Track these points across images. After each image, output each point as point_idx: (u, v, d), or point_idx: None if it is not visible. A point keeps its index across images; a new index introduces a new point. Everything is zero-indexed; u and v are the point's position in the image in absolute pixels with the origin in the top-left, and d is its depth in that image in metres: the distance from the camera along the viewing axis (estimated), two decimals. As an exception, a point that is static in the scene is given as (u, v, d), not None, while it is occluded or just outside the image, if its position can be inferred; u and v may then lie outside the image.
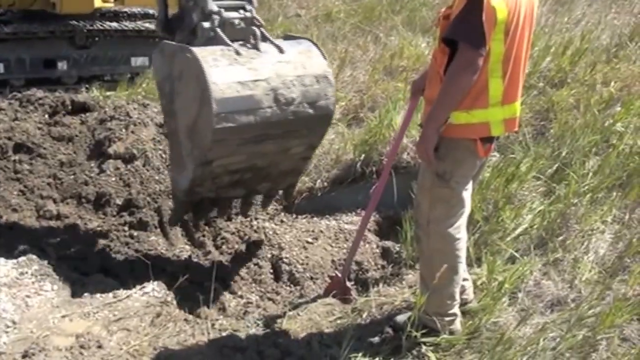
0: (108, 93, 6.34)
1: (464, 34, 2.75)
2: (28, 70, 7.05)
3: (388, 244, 4.41)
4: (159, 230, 4.54)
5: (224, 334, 3.39)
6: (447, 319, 3.21)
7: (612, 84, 5.52)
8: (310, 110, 3.58)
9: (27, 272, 3.63)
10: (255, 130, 3.43)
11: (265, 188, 4.06)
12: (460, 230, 3.13)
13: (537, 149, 4.73)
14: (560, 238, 3.96)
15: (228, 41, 3.51)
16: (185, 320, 3.47)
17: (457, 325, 3.27)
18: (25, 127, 4.90)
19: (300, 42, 3.79)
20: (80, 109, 5.42)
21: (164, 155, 5.01)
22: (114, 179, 4.74)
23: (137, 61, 7.68)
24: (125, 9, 8.12)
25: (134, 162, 4.86)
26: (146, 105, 5.55)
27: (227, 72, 3.33)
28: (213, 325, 3.46)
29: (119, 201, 4.62)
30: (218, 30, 3.57)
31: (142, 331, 3.29)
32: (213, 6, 3.59)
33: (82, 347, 3.04)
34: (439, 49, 2.95)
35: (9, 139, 4.75)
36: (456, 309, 3.27)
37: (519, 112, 3.09)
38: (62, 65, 7.20)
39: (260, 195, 4.33)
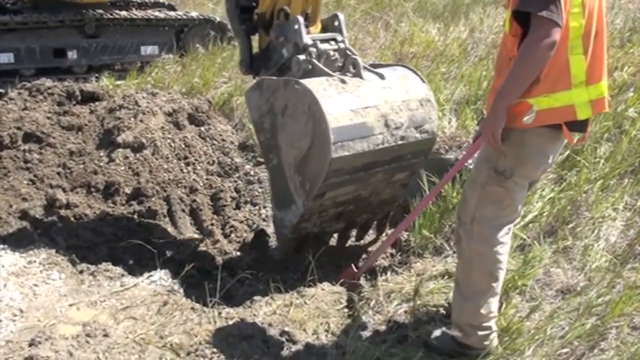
0: (118, 82, 6.34)
1: (538, 3, 2.49)
2: (38, 59, 7.04)
3: (397, 232, 4.37)
4: (167, 219, 4.55)
5: (230, 322, 3.38)
6: (481, 333, 2.94)
7: (625, 68, 5.45)
8: (417, 135, 3.57)
9: (35, 261, 3.65)
10: (368, 158, 3.41)
11: (363, 219, 4.05)
12: (506, 235, 2.90)
13: (548, 136, 4.67)
14: (571, 225, 3.92)
15: (329, 71, 3.48)
16: (192, 309, 3.47)
17: (493, 341, 3.00)
18: (34, 117, 4.91)
19: (396, 69, 3.78)
20: (90, 98, 5.43)
21: (172, 144, 5.01)
22: (123, 168, 4.74)
23: (147, 50, 7.66)
24: (136, -2, 8.11)
25: (143, 151, 4.86)
26: (155, 94, 5.55)
27: (338, 101, 3.29)
28: (220, 313, 3.45)
29: (127, 190, 4.63)
30: (315, 61, 3.52)
31: (149, 320, 3.31)
32: (308, 39, 3.54)
33: (88, 335, 3.05)
34: (509, 34, 2.71)
35: (19, 128, 4.75)
36: (492, 323, 2.98)
37: (606, 91, 2.81)
38: (72, 55, 7.18)
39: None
